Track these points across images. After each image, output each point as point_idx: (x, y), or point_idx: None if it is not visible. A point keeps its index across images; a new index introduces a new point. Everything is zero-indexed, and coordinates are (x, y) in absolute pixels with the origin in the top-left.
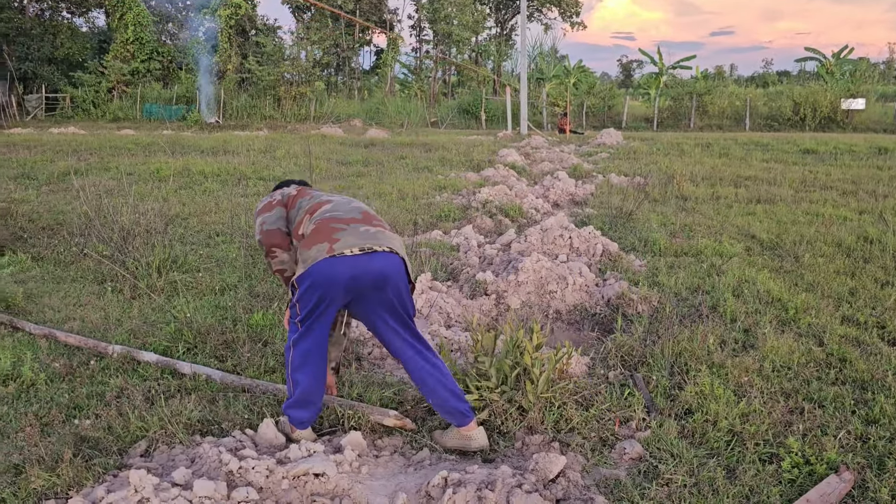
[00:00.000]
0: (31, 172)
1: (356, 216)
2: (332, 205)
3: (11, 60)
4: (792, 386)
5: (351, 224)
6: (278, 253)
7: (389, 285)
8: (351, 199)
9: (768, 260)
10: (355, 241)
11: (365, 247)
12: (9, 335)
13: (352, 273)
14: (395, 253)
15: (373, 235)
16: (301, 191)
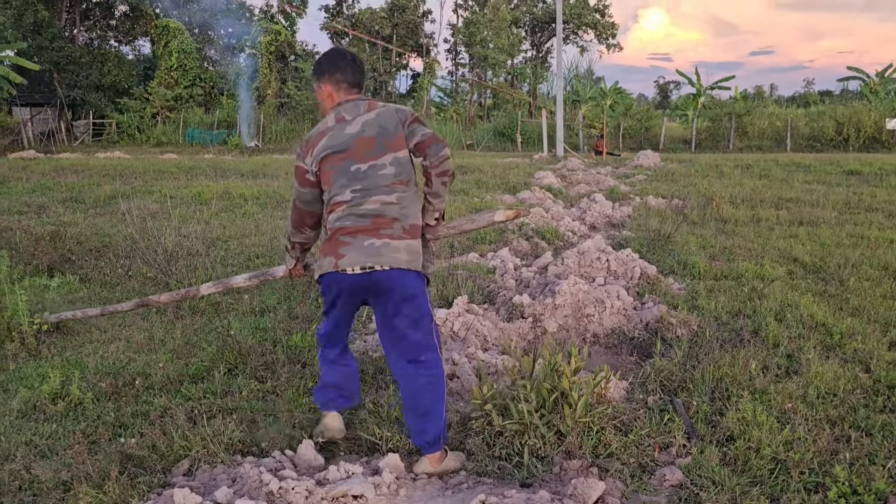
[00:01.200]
0: (79, 196)
1: (365, 224)
2: (346, 206)
3: (61, 88)
4: (838, 413)
5: (358, 236)
6: (306, 231)
7: (390, 302)
8: (369, 191)
9: (811, 283)
10: (358, 258)
11: (366, 266)
12: (58, 354)
13: (353, 288)
14: (398, 269)
15: (377, 251)
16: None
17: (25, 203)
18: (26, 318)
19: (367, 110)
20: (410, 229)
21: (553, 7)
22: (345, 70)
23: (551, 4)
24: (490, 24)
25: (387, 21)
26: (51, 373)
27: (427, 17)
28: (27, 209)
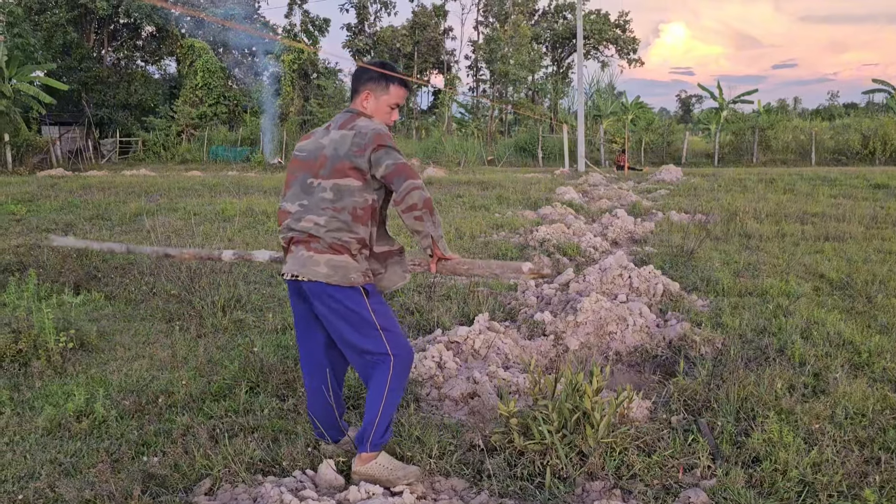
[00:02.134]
0: (105, 213)
1: (302, 237)
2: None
3: (89, 107)
4: (867, 434)
5: (298, 246)
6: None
7: (317, 310)
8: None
9: (838, 300)
10: (291, 266)
11: (294, 274)
12: (83, 372)
13: (292, 291)
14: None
15: (302, 262)
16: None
17: (53, 221)
18: (52, 335)
19: (341, 126)
20: (338, 246)
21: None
22: (353, 78)
23: (572, 21)
24: (511, 40)
25: (408, 39)
26: (76, 391)
27: (448, 35)
28: (55, 227)
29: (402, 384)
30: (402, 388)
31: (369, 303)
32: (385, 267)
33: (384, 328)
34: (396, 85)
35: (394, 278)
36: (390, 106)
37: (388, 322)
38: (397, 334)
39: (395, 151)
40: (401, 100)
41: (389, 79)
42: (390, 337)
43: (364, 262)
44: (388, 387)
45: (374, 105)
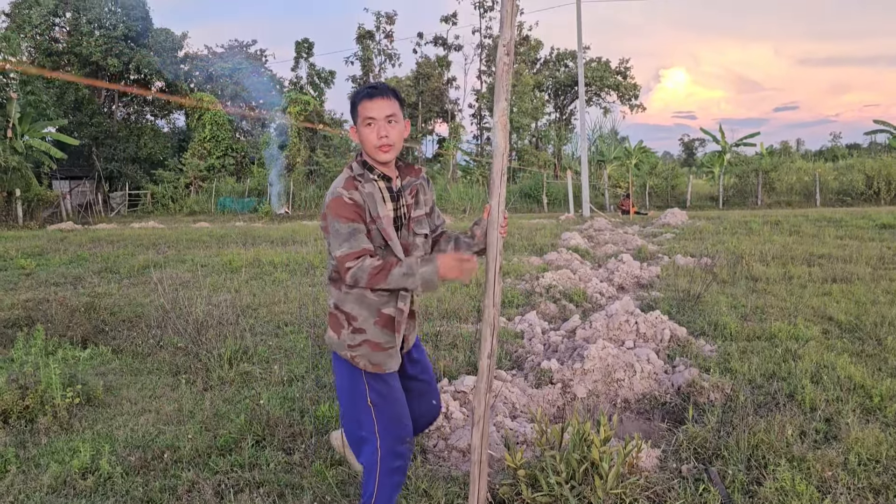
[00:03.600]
0: (113, 266)
1: None
2: None
3: (99, 161)
4: (881, 481)
5: None
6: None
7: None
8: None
9: (848, 343)
10: None
11: None
12: (89, 427)
13: None
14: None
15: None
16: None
17: (62, 274)
18: (59, 391)
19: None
20: (328, 316)
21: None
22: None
23: (573, 68)
24: (513, 88)
25: (412, 89)
26: (81, 447)
27: (451, 84)
28: (63, 280)
29: (393, 468)
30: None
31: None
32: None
33: (376, 403)
34: (361, 102)
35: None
36: (366, 123)
37: (385, 399)
38: (395, 413)
39: (333, 233)
40: (371, 111)
41: (354, 100)
42: (382, 414)
43: (349, 337)
44: (379, 472)
45: (359, 135)
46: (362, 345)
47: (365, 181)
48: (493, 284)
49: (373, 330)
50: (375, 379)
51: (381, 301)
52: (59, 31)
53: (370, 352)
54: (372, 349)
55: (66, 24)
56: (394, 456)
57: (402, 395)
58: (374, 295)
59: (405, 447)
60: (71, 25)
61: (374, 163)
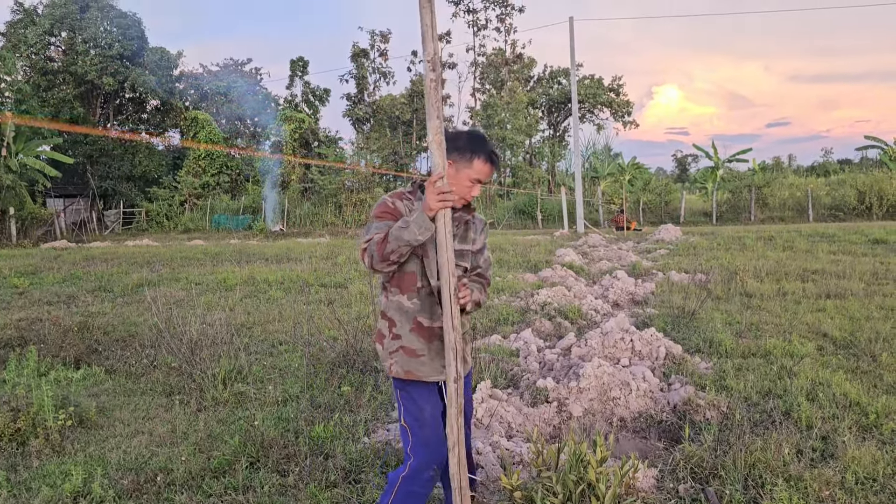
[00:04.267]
0: (107, 285)
1: None
2: None
3: (94, 179)
4: (879, 500)
5: None
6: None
7: None
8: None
9: (843, 360)
10: None
11: None
12: (81, 450)
13: None
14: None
15: None
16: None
17: (56, 293)
18: (51, 413)
19: None
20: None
21: (568, 88)
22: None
23: (566, 86)
24: (507, 106)
25: (407, 107)
26: (73, 470)
27: (446, 102)
28: (57, 299)
29: (410, 492)
30: (412, 498)
31: (400, 395)
32: (429, 350)
33: (409, 425)
34: (482, 160)
35: (435, 367)
36: (471, 180)
37: (417, 422)
38: (425, 436)
39: (366, 231)
40: (484, 176)
41: (475, 151)
42: (408, 436)
43: (389, 343)
44: (397, 489)
45: (454, 176)
46: (398, 350)
47: (416, 199)
48: (449, 307)
49: (408, 336)
50: (409, 401)
51: (416, 309)
52: (55, 50)
53: (404, 357)
54: (406, 355)
55: (61, 43)
56: (416, 480)
57: (436, 422)
58: (409, 303)
59: (429, 474)
60: (66, 44)
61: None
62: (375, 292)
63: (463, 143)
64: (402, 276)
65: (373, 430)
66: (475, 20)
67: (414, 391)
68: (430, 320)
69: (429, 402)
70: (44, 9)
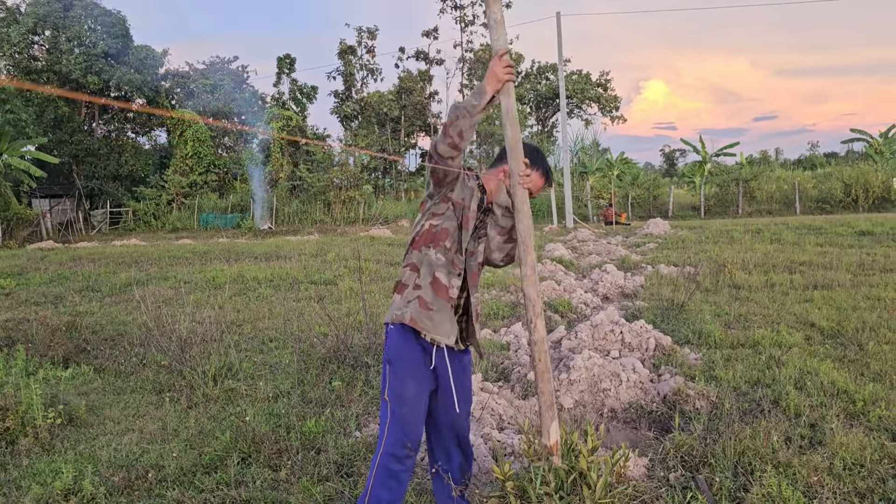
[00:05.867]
0: (94, 285)
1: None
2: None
3: (80, 179)
4: (866, 485)
5: None
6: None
7: None
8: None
9: (830, 349)
10: None
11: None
12: (71, 448)
13: None
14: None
15: None
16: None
17: (43, 294)
18: (40, 412)
19: None
20: (397, 284)
21: (556, 84)
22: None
23: (554, 81)
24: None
25: (395, 103)
26: (63, 468)
27: (434, 98)
28: (44, 300)
29: (393, 471)
30: (392, 480)
31: (388, 370)
32: (439, 306)
33: (390, 400)
34: (539, 173)
35: (442, 323)
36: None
37: (398, 399)
38: (402, 414)
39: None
40: (536, 189)
41: (535, 163)
42: (393, 413)
43: (409, 293)
44: (376, 468)
45: (503, 178)
46: (415, 300)
47: (472, 181)
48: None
49: (426, 288)
50: (394, 376)
51: (439, 263)
52: (39, 49)
53: (417, 307)
54: (420, 306)
55: (45, 42)
56: (392, 457)
57: (416, 401)
58: (435, 256)
59: (404, 451)
60: (50, 43)
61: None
62: (365, 288)
63: (527, 154)
64: (438, 231)
65: (364, 425)
66: (462, 16)
67: (402, 368)
68: (447, 278)
69: (414, 379)
70: (26, 7)
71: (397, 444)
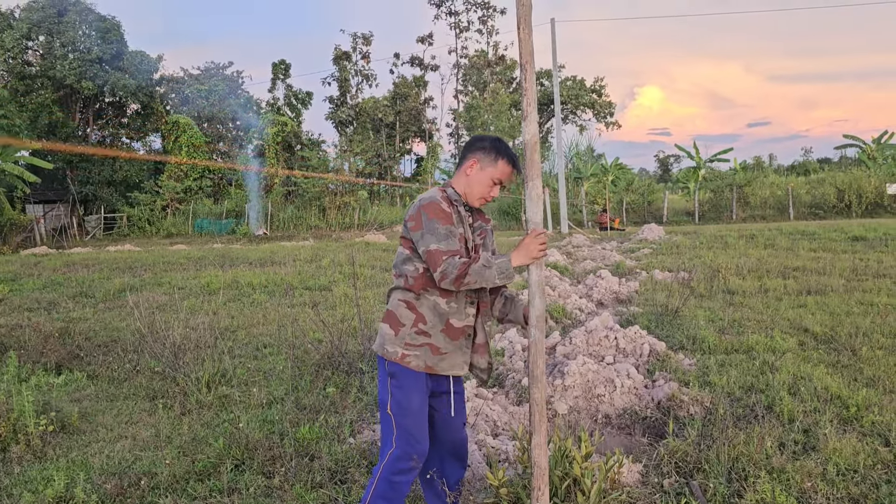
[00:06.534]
0: (88, 290)
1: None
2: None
3: (74, 185)
4: (860, 490)
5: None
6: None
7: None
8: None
9: (823, 354)
10: None
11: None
12: (63, 455)
13: None
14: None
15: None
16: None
17: (36, 299)
18: (32, 419)
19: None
20: (386, 314)
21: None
22: (464, 146)
23: (549, 87)
24: (490, 107)
25: (390, 109)
26: (55, 475)
27: (428, 104)
28: (37, 306)
29: (395, 483)
30: (396, 487)
31: (390, 383)
32: (452, 348)
33: (394, 414)
34: (505, 161)
35: (454, 362)
36: (493, 180)
37: (403, 412)
38: (408, 426)
39: (429, 230)
40: (505, 178)
41: (500, 152)
42: (392, 424)
43: (410, 336)
44: (378, 478)
45: (478, 175)
46: (423, 346)
47: (455, 205)
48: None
49: (437, 336)
50: (398, 389)
51: (451, 311)
52: (33, 55)
53: (429, 354)
54: (432, 353)
55: (39, 47)
56: (396, 469)
57: (421, 413)
58: (446, 305)
59: (409, 464)
60: (44, 48)
61: (463, 197)
62: (360, 294)
63: (489, 143)
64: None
65: (358, 431)
66: (457, 22)
67: (405, 381)
68: (461, 321)
69: (418, 392)
70: (21, 12)
71: (404, 457)
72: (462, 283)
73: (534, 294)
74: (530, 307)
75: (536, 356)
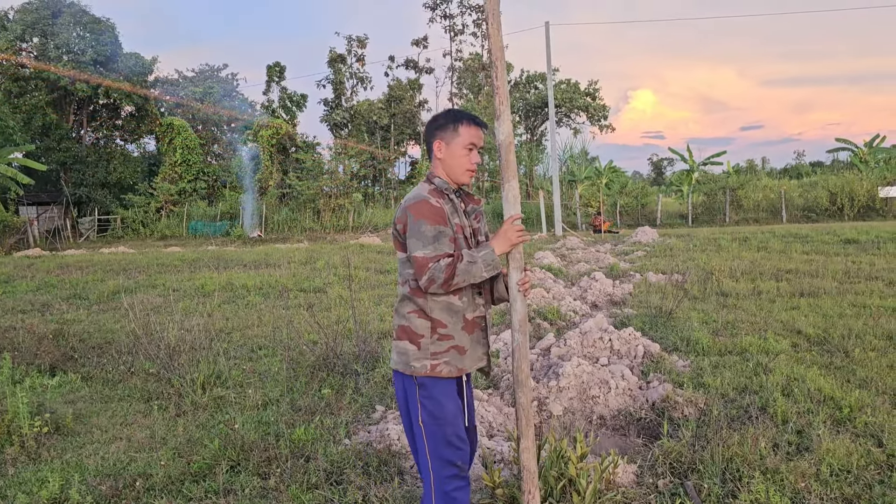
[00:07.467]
0: (82, 292)
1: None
2: None
3: (68, 186)
4: (853, 491)
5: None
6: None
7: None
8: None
9: (816, 356)
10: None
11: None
12: (58, 457)
13: None
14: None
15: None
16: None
17: (29, 302)
18: (27, 420)
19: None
20: (399, 330)
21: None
22: (423, 137)
23: (543, 90)
24: (485, 110)
25: (384, 111)
26: (50, 477)
27: (423, 107)
28: (31, 307)
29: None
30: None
31: (419, 395)
32: (471, 342)
33: (426, 424)
34: (465, 124)
35: (476, 355)
36: (465, 147)
37: (437, 421)
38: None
39: (416, 235)
40: (475, 139)
41: (457, 119)
42: (429, 441)
43: (434, 345)
44: (434, 496)
45: (448, 152)
46: (450, 350)
47: (446, 194)
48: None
49: (459, 334)
50: (429, 399)
51: (464, 306)
52: (27, 56)
53: (457, 356)
54: (459, 353)
55: (33, 48)
56: (446, 484)
57: (457, 419)
58: (459, 302)
59: (454, 471)
60: (38, 50)
61: (450, 182)
62: (355, 296)
63: (442, 119)
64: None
65: (354, 432)
66: (452, 25)
67: (435, 389)
68: (473, 312)
69: (450, 398)
70: (15, 14)
71: (448, 467)
72: (451, 285)
73: (515, 298)
74: (512, 312)
75: (521, 360)
